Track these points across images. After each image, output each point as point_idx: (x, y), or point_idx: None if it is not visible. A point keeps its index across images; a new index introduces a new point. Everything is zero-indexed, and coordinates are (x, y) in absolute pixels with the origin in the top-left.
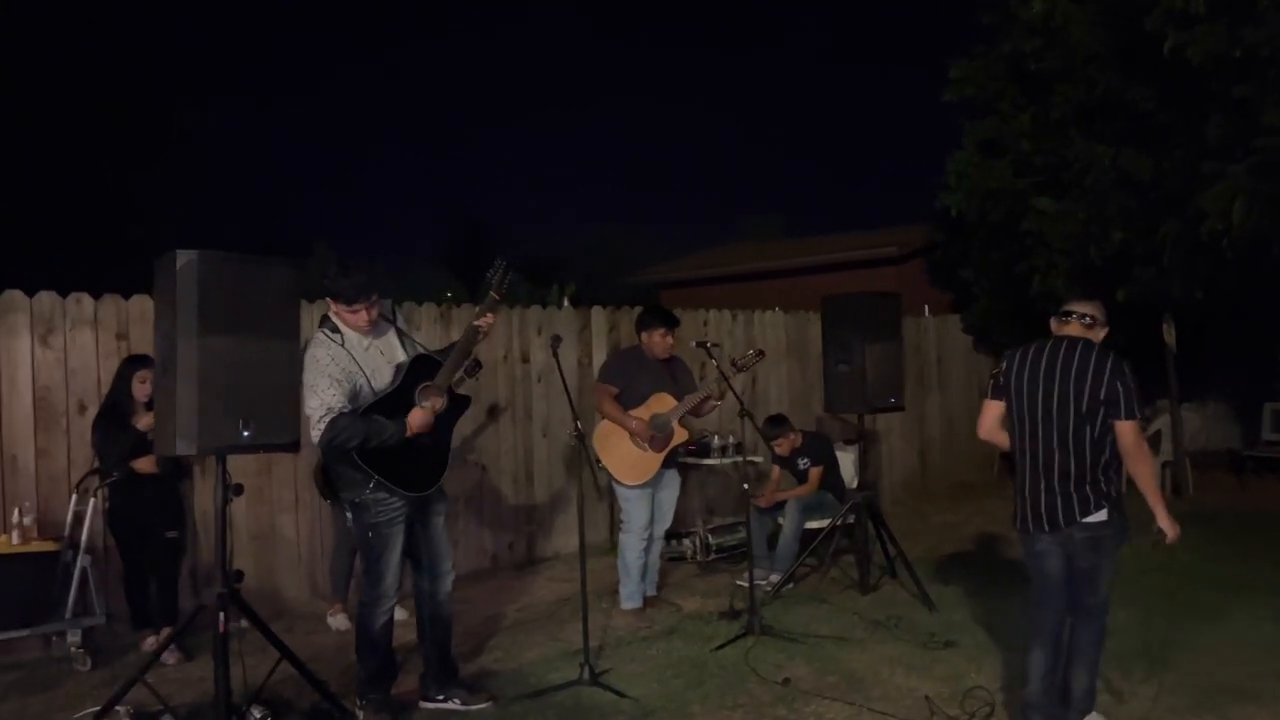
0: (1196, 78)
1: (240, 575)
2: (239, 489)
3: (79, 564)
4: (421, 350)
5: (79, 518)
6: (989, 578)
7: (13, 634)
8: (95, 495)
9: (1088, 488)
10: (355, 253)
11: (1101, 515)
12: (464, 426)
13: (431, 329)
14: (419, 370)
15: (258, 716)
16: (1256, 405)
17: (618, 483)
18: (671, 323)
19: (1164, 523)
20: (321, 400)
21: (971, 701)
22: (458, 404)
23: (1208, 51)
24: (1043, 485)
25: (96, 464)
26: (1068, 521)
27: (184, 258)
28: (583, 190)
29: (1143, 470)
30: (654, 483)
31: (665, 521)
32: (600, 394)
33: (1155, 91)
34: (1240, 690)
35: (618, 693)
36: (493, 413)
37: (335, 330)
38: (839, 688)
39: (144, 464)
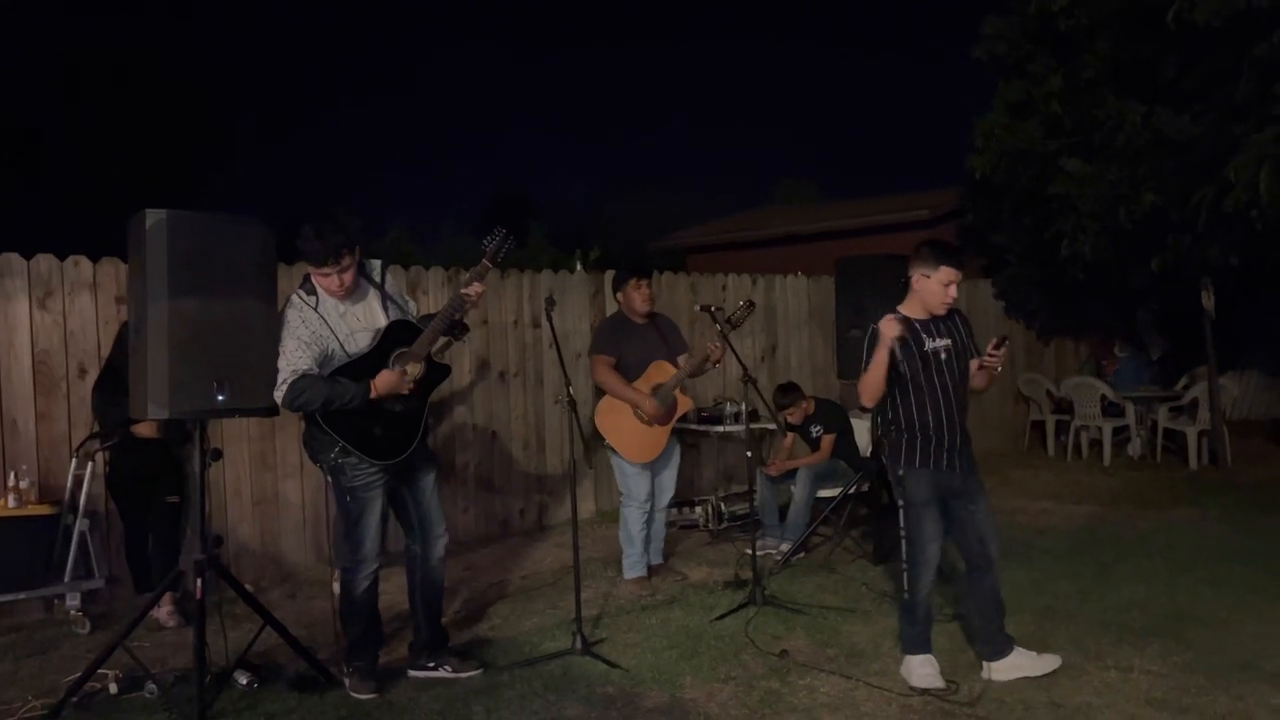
0: (1217, 39)
1: (220, 540)
2: (217, 453)
3: (77, 528)
4: (404, 316)
5: (78, 481)
6: (1006, 548)
7: (9, 596)
8: (94, 459)
9: None
10: (384, 219)
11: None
12: (474, 391)
13: (440, 292)
14: (395, 336)
15: (243, 682)
16: None
17: (618, 457)
18: (644, 271)
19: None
20: (288, 362)
21: (965, 677)
22: (436, 372)
23: (1214, 11)
24: None
25: (96, 428)
26: None
27: (153, 217)
28: (616, 156)
29: (868, 390)
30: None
31: (667, 492)
32: (598, 366)
33: (1178, 57)
34: (1257, 669)
35: (609, 663)
36: (502, 378)
37: (311, 292)
38: (837, 660)
39: (144, 428)
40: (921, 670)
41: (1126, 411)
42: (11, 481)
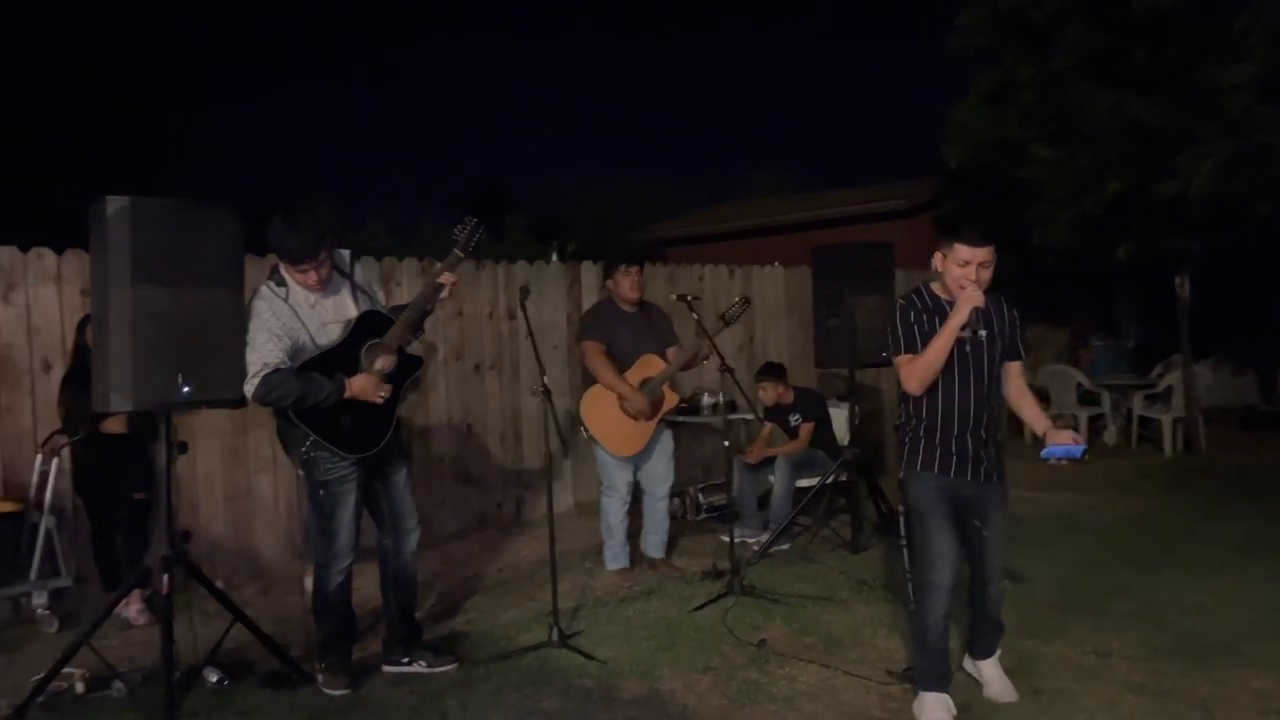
0: (1182, 26)
1: (188, 536)
2: (183, 447)
3: (44, 525)
4: (375, 307)
5: (44, 478)
6: None
7: None
8: (59, 455)
9: None
10: (363, 212)
11: None
12: (450, 384)
13: (414, 283)
14: (366, 327)
15: (213, 680)
16: (1274, 361)
17: (600, 448)
18: (635, 258)
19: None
20: (259, 355)
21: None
22: (408, 364)
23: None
24: None
25: (62, 423)
26: None
27: (114, 204)
28: (596, 148)
29: (920, 372)
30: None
31: (664, 479)
32: (590, 352)
33: (1146, 45)
34: (1235, 652)
35: (586, 655)
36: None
37: (281, 283)
38: (815, 650)
39: (112, 424)
40: (933, 714)
41: (1102, 400)
42: None
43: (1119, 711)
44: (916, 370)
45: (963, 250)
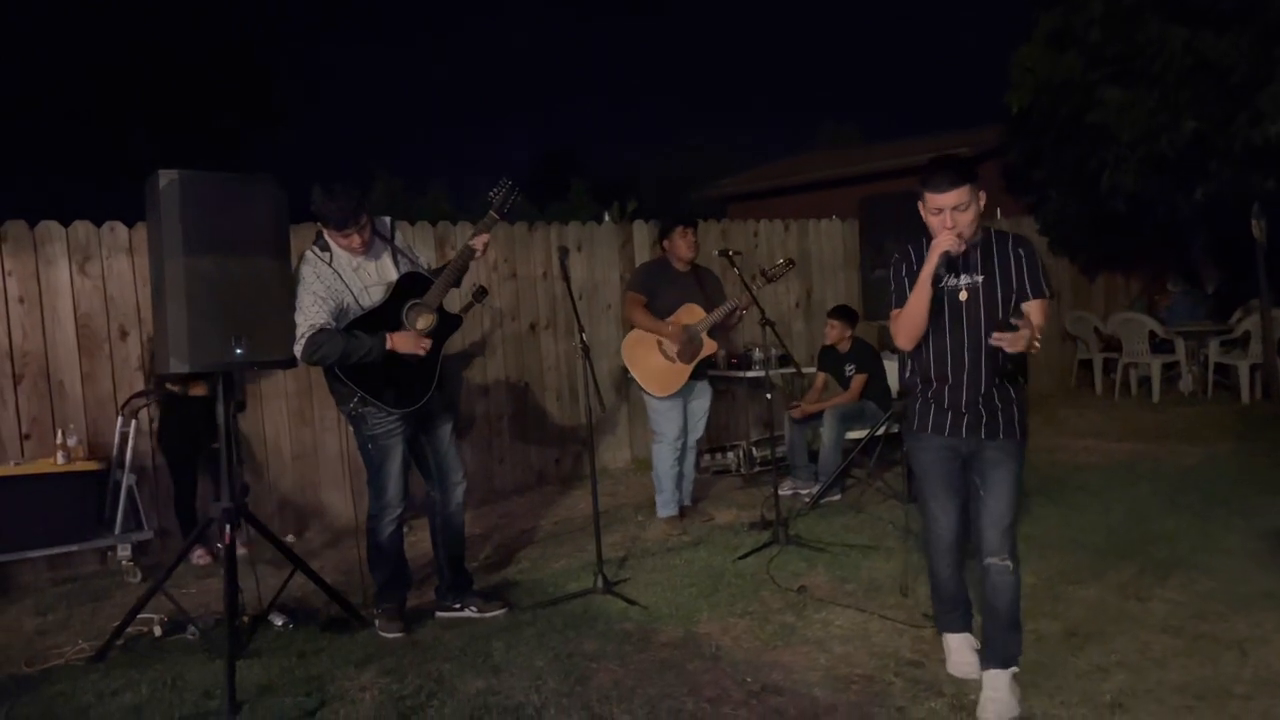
0: None
1: (247, 489)
2: (241, 405)
3: (125, 482)
4: (415, 269)
5: (125, 438)
6: (1039, 486)
7: (62, 549)
8: (138, 416)
9: None
10: (426, 179)
11: None
12: (506, 344)
13: None
14: (408, 287)
15: (279, 624)
16: None
17: (647, 395)
18: (691, 220)
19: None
20: (304, 317)
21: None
22: (447, 323)
23: None
24: None
25: (143, 387)
26: None
27: (166, 178)
28: (659, 106)
29: (904, 327)
30: (684, 393)
31: (697, 431)
32: (630, 303)
33: None
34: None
35: (628, 600)
36: (533, 330)
37: (325, 248)
38: (854, 595)
39: (196, 388)
40: (956, 656)
41: (1176, 347)
42: (60, 439)
43: (1151, 652)
44: (901, 325)
45: (933, 198)
